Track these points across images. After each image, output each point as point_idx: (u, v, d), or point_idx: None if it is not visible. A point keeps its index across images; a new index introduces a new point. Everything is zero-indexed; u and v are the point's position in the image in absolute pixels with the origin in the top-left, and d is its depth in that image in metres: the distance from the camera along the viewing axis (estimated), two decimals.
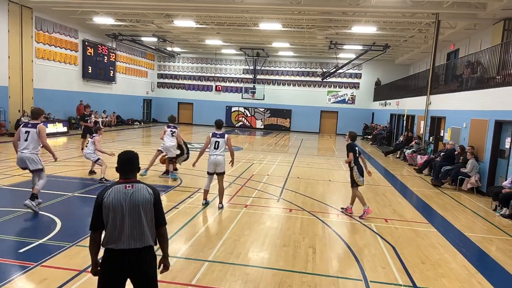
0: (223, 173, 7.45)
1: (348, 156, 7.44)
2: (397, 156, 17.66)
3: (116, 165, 2.94)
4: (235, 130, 30.28)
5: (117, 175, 2.97)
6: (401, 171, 14.00)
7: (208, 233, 6.20)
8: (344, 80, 30.95)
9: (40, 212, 6.61)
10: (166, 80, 33.83)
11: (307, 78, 31.62)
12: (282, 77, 32.01)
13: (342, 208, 7.90)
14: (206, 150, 7.43)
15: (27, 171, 6.82)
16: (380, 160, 16.72)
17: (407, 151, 16.14)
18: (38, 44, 19.51)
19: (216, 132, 7.41)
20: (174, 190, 8.87)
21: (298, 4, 15.19)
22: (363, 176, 7.50)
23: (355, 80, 31.05)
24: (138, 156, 3.01)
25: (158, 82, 33.86)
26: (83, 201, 7.78)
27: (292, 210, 7.76)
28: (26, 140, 6.49)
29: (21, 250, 4.99)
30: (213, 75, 32.99)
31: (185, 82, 33.48)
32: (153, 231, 2.92)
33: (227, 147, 7.43)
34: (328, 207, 8.17)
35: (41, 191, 6.91)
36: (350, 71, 29.59)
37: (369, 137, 26.20)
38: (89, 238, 2.89)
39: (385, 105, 25.51)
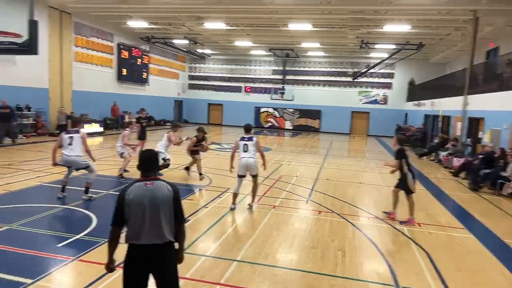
0: (256, 175, 7.45)
1: (397, 163, 7.03)
2: (432, 158, 17.05)
3: (138, 163, 3.07)
4: (264, 131, 30.33)
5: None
6: (436, 174, 13.50)
7: (236, 233, 6.24)
8: (376, 80, 30.24)
9: (77, 209, 6.91)
10: (197, 82, 34.40)
11: (338, 78, 31.16)
12: (312, 78, 31.73)
13: (384, 213, 7.60)
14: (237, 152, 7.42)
15: (64, 168, 7.17)
16: (414, 162, 16.10)
17: (443, 154, 15.54)
18: (77, 48, 20.42)
19: (244, 136, 7.43)
20: (203, 190, 9.00)
21: (329, 3, 15.00)
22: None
23: (388, 80, 30.26)
24: (157, 155, 3.18)
25: (189, 84, 34.50)
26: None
27: (321, 212, 7.68)
28: (70, 144, 7.00)
29: (59, 245, 5.24)
30: (242, 76, 33.21)
31: (215, 83, 33.91)
32: (173, 226, 3.00)
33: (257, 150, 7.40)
34: (359, 210, 8.00)
35: (78, 189, 7.22)
36: (382, 70, 28.86)
37: None
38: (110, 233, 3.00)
39: (419, 106, 24.71)
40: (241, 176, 7.38)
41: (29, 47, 5.32)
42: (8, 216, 6.31)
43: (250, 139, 7.36)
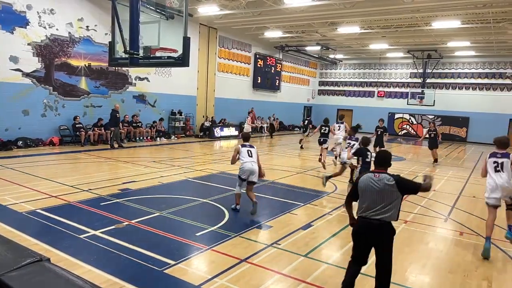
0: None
1: None
2: None
3: (374, 159, 4.09)
4: (398, 139, 28.19)
5: None
6: None
7: None
8: None
9: (213, 203, 7.68)
10: (327, 87, 34.28)
11: (492, 81, 26.80)
12: (459, 80, 28.08)
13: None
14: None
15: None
16: None
17: None
18: (220, 59, 22.78)
19: (245, 143, 7.29)
20: (328, 196, 8.90)
21: None
22: None
23: None
24: (391, 156, 4.10)
25: (319, 90, 34.65)
26: (247, 197, 8.62)
27: (463, 233, 6.72)
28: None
29: (197, 234, 5.91)
30: (375, 80, 31.65)
31: (346, 88, 33.18)
32: (391, 210, 3.79)
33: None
34: None
35: (215, 185, 7.99)
36: None
37: None
38: (344, 203, 4.49)
39: None
40: (243, 180, 7.14)
41: (183, 60, 6.16)
42: (160, 204, 7.43)
43: (251, 146, 7.25)
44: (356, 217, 4.03)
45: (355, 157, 7.89)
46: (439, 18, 17.03)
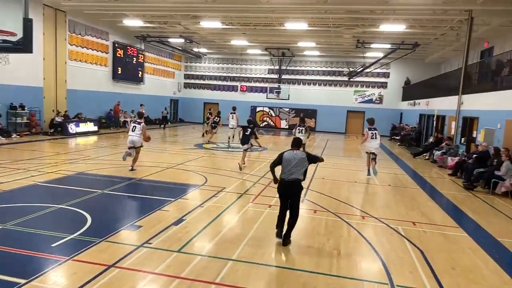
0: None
1: None
2: (426, 157, 17.14)
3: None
4: (260, 130, 30.31)
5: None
6: (430, 173, 13.58)
7: (232, 232, 6.24)
8: (372, 79, 30.35)
9: (72, 208, 6.87)
10: (193, 81, 34.33)
11: (333, 78, 31.23)
12: (308, 77, 31.78)
13: None
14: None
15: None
16: (409, 161, 16.28)
17: (437, 153, 15.63)
18: (71, 47, 20.28)
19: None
20: (199, 189, 8.99)
21: (325, 3, 15.01)
22: None
23: (383, 80, 30.38)
24: (301, 141, 6.24)
25: (184, 83, 34.41)
26: (112, 198, 8.02)
27: (317, 211, 7.69)
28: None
29: (53, 245, 5.20)
30: (238, 75, 33.19)
31: (211, 82, 33.87)
32: (303, 172, 5.77)
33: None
34: (354, 209, 8.03)
35: (72, 188, 7.16)
36: (378, 70, 28.97)
37: (397, 138, 25.57)
38: (270, 168, 6.13)
39: (414, 105, 24.82)
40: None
41: (24, 45, 5.27)
42: (1, 216, 6.26)
43: (139, 123, 10.49)
44: (279, 179, 5.85)
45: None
46: (291, 20, 18.85)
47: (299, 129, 13.59)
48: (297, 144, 5.99)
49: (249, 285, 4.40)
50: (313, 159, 6.05)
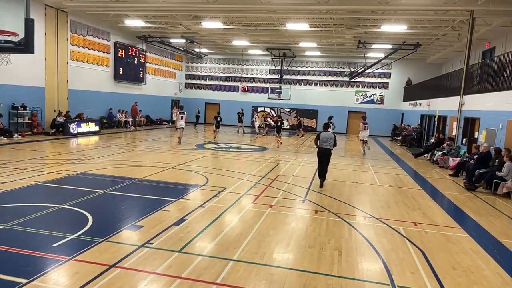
0: None
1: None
2: (427, 158, 17.12)
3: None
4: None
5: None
6: (432, 173, 13.56)
7: (233, 232, 6.24)
8: (373, 80, 30.34)
9: (73, 208, 6.88)
10: (194, 81, 34.36)
11: (334, 78, 31.23)
12: (309, 77, 31.78)
13: None
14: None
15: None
16: (410, 162, 16.27)
17: (438, 153, 15.61)
18: (73, 47, 20.32)
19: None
20: (200, 189, 9.00)
21: (326, 3, 15.01)
22: None
23: (384, 80, 30.36)
24: (328, 125, 10.89)
25: (186, 83, 34.44)
26: (113, 198, 8.03)
27: (318, 211, 7.69)
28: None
29: (55, 244, 5.22)
30: (239, 75, 33.21)
31: (212, 82, 33.90)
32: (331, 144, 9.93)
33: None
34: (355, 209, 8.03)
35: (73, 188, 7.17)
36: (379, 70, 28.97)
37: (398, 138, 25.53)
38: (314, 142, 9.91)
39: (416, 106, 24.80)
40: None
41: (25, 45, 5.28)
42: (3, 216, 6.28)
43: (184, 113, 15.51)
44: (318, 147, 9.95)
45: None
46: (292, 20, 18.86)
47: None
48: (325, 127, 10.33)
49: (250, 286, 4.40)
50: (335, 140, 9.98)
